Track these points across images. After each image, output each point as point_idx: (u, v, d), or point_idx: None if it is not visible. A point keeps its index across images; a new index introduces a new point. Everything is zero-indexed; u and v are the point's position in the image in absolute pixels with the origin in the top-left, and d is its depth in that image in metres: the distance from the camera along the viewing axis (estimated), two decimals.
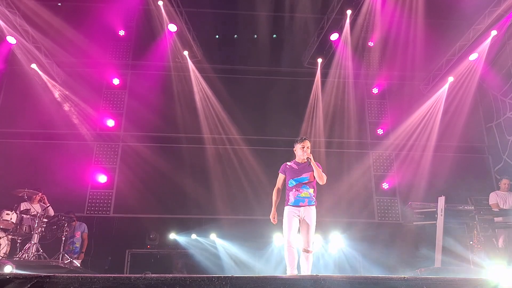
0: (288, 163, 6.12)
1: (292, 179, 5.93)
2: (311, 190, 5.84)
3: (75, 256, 9.43)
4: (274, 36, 13.52)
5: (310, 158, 5.83)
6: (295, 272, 5.50)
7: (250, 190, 11.70)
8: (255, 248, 10.91)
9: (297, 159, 6.12)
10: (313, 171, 5.86)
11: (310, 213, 5.73)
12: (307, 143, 6.03)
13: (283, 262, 10.63)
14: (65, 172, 11.18)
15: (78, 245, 9.63)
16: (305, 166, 5.96)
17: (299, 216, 5.73)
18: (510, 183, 8.85)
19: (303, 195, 5.80)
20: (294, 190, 5.85)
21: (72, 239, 9.57)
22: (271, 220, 5.89)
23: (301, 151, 5.99)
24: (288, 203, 5.87)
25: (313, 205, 5.82)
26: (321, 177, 5.78)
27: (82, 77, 12.23)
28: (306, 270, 5.60)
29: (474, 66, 11.86)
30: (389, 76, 13.25)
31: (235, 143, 12.36)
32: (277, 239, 10.73)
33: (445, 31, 12.75)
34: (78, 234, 9.69)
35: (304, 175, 5.89)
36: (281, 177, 6.10)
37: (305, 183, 5.86)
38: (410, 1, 12.10)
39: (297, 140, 6.12)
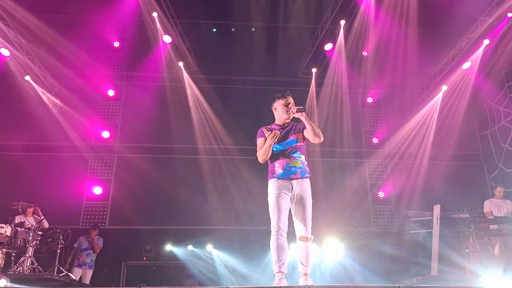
0: (267, 126, 4.74)
1: (277, 143, 4.53)
2: (303, 158, 4.55)
3: (90, 270, 9.58)
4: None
5: (302, 109, 4.52)
6: (284, 270, 4.32)
7: (245, 200, 11.62)
8: (251, 258, 10.87)
9: (277, 121, 4.80)
10: (301, 132, 4.60)
11: (305, 187, 4.51)
12: (291, 100, 4.75)
13: None
14: (60, 184, 11.18)
15: (93, 258, 9.71)
16: (292, 128, 4.67)
17: (290, 193, 4.46)
18: (504, 190, 8.88)
19: (294, 164, 4.47)
20: (281, 158, 4.50)
21: (89, 251, 9.63)
22: (272, 136, 4.44)
23: (284, 109, 4.67)
24: (275, 175, 4.53)
25: (307, 177, 4.56)
26: (317, 133, 4.47)
27: (76, 89, 12.20)
28: (305, 263, 4.43)
29: (468, 75, 11.94)
30: (383, 85, 13.31)
31: (230, 153, 12.34)
32: None
33: (438, 40, 12.84)
34: None
35: (292, 137, 4.58)
36: (261, 141, 4.60)
37: (295, 147, 4.54)
38: (403, 10, 12.16)
39: (278, 96, 4.78)
